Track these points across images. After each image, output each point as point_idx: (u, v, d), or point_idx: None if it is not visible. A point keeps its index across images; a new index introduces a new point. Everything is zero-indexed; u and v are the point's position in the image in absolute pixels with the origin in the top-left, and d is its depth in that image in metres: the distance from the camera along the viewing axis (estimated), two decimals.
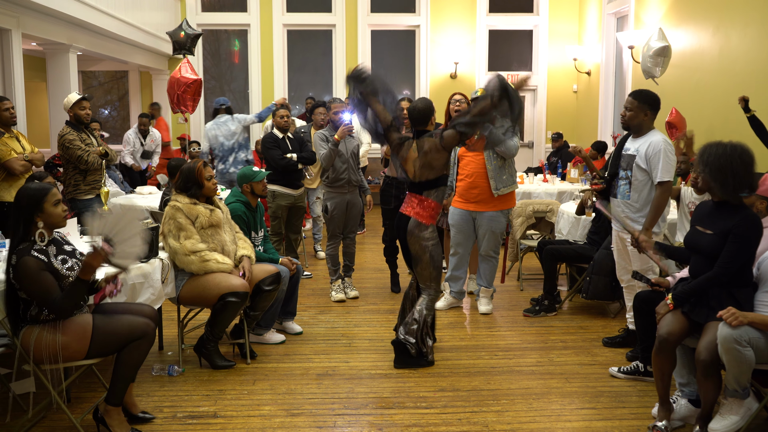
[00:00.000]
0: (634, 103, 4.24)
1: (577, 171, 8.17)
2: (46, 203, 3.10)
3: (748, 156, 3.28)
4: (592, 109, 11.01)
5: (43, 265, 3.05)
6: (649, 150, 4.17)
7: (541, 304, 5.42)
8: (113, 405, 3.28)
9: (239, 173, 4.77)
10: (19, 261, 3.03)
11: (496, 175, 5.18)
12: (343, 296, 5.80)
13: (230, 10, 11.87)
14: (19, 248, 3.07)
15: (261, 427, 3.49)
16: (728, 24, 7.02)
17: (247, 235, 4.62)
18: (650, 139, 4.20)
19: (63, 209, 3.17)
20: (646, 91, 4.30)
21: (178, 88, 7.76)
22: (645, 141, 4.22)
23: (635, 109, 4.24)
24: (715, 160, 3.29)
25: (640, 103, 4.23)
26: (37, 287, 3.03)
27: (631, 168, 4.25)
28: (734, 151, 3.27)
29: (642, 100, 4.23)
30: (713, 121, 7.22)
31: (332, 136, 5.58)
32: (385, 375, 4.18)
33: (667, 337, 3.34)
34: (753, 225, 3.28)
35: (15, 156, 5.36)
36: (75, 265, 3.21)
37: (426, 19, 11.64)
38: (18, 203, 3.11)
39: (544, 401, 3.81)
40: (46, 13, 7.17)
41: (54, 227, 3.17)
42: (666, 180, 4.13)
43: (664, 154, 4.13)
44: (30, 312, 3.13)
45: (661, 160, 4.13)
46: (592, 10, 11.03)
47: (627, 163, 4.29)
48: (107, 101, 12.99)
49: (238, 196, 4.73)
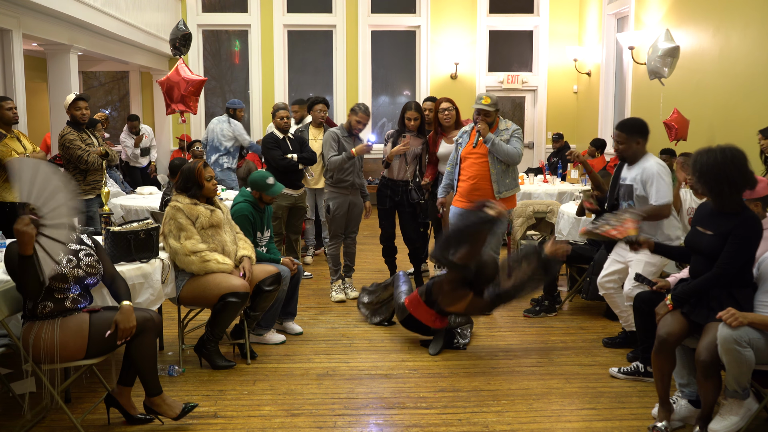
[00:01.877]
0: (622, 136, 4.26)
1: (577, 171, 8.18)
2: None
3: (740, 159, 3.24)
4: (593, 109, 11.01)
5: None
6: (643, 176, 4.18)
7: (541, 305, 5.42)
8: (155, 395, 3.37)
9: (253, 178, 4.68)
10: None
11: (499, 179, 5.19)
12: (344, 297, 5.80)
13: (231, 11, 11.88)
14: None
15: (261, 427, 3.49)
16: (728, 25, 7.03)
17: (253, 235, 4.62)
18: (643, 165, 4.22)
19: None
20: (632, 120, 4.33)
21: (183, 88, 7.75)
22: (639, 168, 4.24)
23: (626, 141, 4.25)
24: (709, 170, 3.25)
25: (629, 135, 4.24)
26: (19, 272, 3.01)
27: (632, 198, 4.27)
28: (725, 157, 3.22)
29: (630, 131, 4.24)
30: (713, 122, 7.22)
31: (344, 137, 5.60)
32: (386, 375, 4.18)
33: (666, 337, 3.34)
34: (753, 226, 3.27)
35: (16, 157, 5.36)
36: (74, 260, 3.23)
37: (426, 20, 11.64)
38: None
39: (545, 402, 3.81)
40: (46, 14, 7.17)
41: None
42: (663, 203, 4.13)
43: (658, 178, 4.14)
44: (27, 306, 3.15)
45: (655, 184, 4.14)
46: (593, 10, 11.03)
47: (626, 194, 4.31)
48: (108, 102, 13.00)
49: (246, 196, 4.71)
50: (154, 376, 3.37)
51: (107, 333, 3.16)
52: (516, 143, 5.14)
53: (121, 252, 3.92)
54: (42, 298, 3.15)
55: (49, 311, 3.16)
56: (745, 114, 6.65)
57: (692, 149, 6.97)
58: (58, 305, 3.19)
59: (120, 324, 3.17)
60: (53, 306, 3.18)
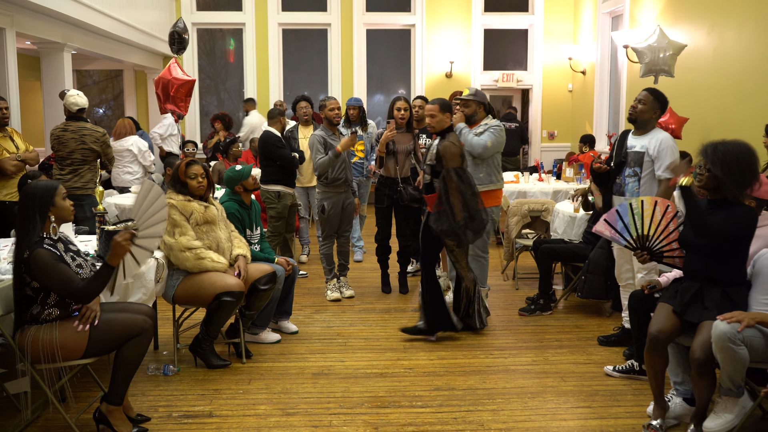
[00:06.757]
0: (650, 99, 4.25)
1: (572, 170, 8.19)
2: (57, 197, 3.19)
3: (754, 153, 3.32)
4: (587, 108, 11.03)
5: (56, 257, 3.09)
6: (659, 146, 4.17)
7: (536, 303, 5.42)
8: (115, 405, 3.29)
9: (226, 179, 4.70)
10: (32, 254, 3.04)
11: (471, 172, 5.17)
12: (339, 296, 5.79)
13: (225, 9, 11.85)
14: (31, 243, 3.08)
15: (256, 426, 3.48)
16: (723, 23, 7.04)
17: (242, 233, 4.61)
18: (657, 136, 4.23)
19: (70, 203, 3.27)
20: (658, 90, 4.31)
21: (171, 88, 7.73)
22: (652, 137, 4.23)
23: (649, 104, 4.25)
24: (733, 159, 3.26)
25: (654, 101, 4.24)
26: (56, 275, 3.05)
27: (640, 165, 4.24)
28: (741, 149, 3.28)
29: (656, 98, 4.25)
30: (708, 122, 7.23)
31: (330, 137, 5.58)
32: (381, 374, 4.18)
33: (657, 335, 3.35)
34: (749, 215, 3.29)
35: (7, 156, 5.34)
36: (83, 263, 3.24)
37: (421, 19, 11.63)
38: (30, 200, 3.14)
39: (540, 400, 3.81)
40: (40, 12, 7.14)
41: (63, 221, 3.27)
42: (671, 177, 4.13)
43: (671, 151, 4.15)
44: (32, 311, 3.13)
45: (669, 157, 4.14)
46: (587, 9, 11.05)
47: (634, 160, 4.27)
48: (102, 100, 12.96)
49: (231, 195, 4.72)
50: (127, 385, 3.31)
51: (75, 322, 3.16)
52: (486, 136, 5.07)
53: None
54: (52, 305, 3.15)
55: (53, 317, 3.17)
56: (739, 113, 6.67)
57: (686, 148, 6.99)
58: (63, 311, 3.19)
59: (114, 242, 3.11)
60: (59, 312, 3.18)
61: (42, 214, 3.13)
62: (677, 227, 3.63)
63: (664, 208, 3.66)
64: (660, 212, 3.65)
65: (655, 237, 3.66)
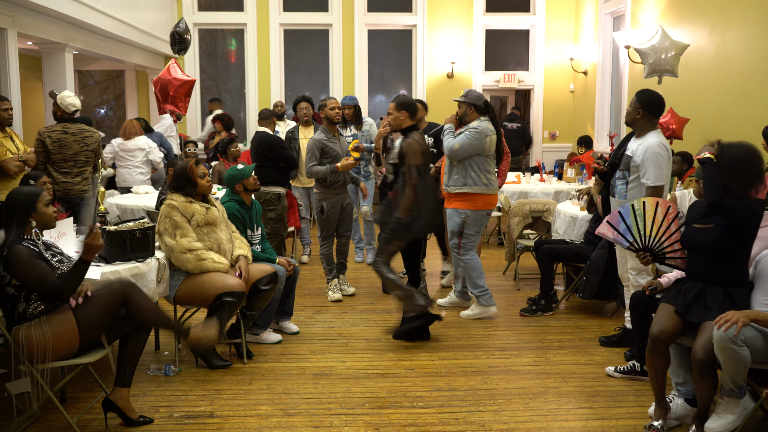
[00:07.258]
0: (633, 100, 4.27)
1: (573, 171, 8.18)
2: (39, 203, 3.24)
3: (760, 155, 3.33)
4: (589, 108, 11.02)
5: (35, 254, 3.13)
6: (643, 153, 4.14)
7: (537, 304, 5.42)
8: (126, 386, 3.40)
9: (227, 178, 4.70)
10: (10, 251, 3.08)
11: (448, 171, 5.18)
12: (340, 296, 5.78)
13: (226, 10, 11.85)
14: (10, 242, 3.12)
15: (257, 426, 3.48)
16: (724, 24, 7.03)
17: (243, 233, 4.61)
18: (646, 141, 4.19)
19: (53, 210, 3.31)
20: (650, 92, 4.26)
21: (170, 89, 7.73)
22: (642, 143, 4.21)
23: (632, 105, 4.26)
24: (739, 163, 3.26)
25: (637, 101, 4.24)
26: (32, 272, 3.09)
27: (628, 169, 4.25)
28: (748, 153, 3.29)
29: (639, 99, 4.24)
30: (709, 122, 7.23)
31: (330, 140, 5.58)
32: (382, 375, 4.18)
33: (659, 335, 3.34)
34: (754, 209, 3.28)
35: (10, 156, 5.34)
36: (64, 260, 3.28)
37: (423, 19, 11.63)
38: (12, 205, 3.21)
39: (541, 401, 3.81)
40: (42, 12, 7.14)
41: (46, 227, 3.31)
42: (656, 185, 4.09)
43: (655, 158, 4.09)
44: (17, 309, 3.15)
45: (651, 165, 4.09)
46: (589, 9, 11.04)
47: (625, 164, 4.28)
48: (103, 101, 12.97)
49: (231, 195, 4.71)
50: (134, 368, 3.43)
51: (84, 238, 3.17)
52: (458, 138, 5.01)
53: (117, 251, 3.91)
54: (36, 300, 3.17)
55: (39, 311, 3.19)
56: (740, 113, 6.66)
57: (687, 148, 6.99)
58: (48, 305, 3.21)
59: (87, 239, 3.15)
60: (44, 306, 3.20)
61: (21, 220, 3.18)
62: (678, 228, 3.64)
63: (665, 209, 3.66)
64: (661, 213, 3.65)
65: (657, 238, 3.66)
